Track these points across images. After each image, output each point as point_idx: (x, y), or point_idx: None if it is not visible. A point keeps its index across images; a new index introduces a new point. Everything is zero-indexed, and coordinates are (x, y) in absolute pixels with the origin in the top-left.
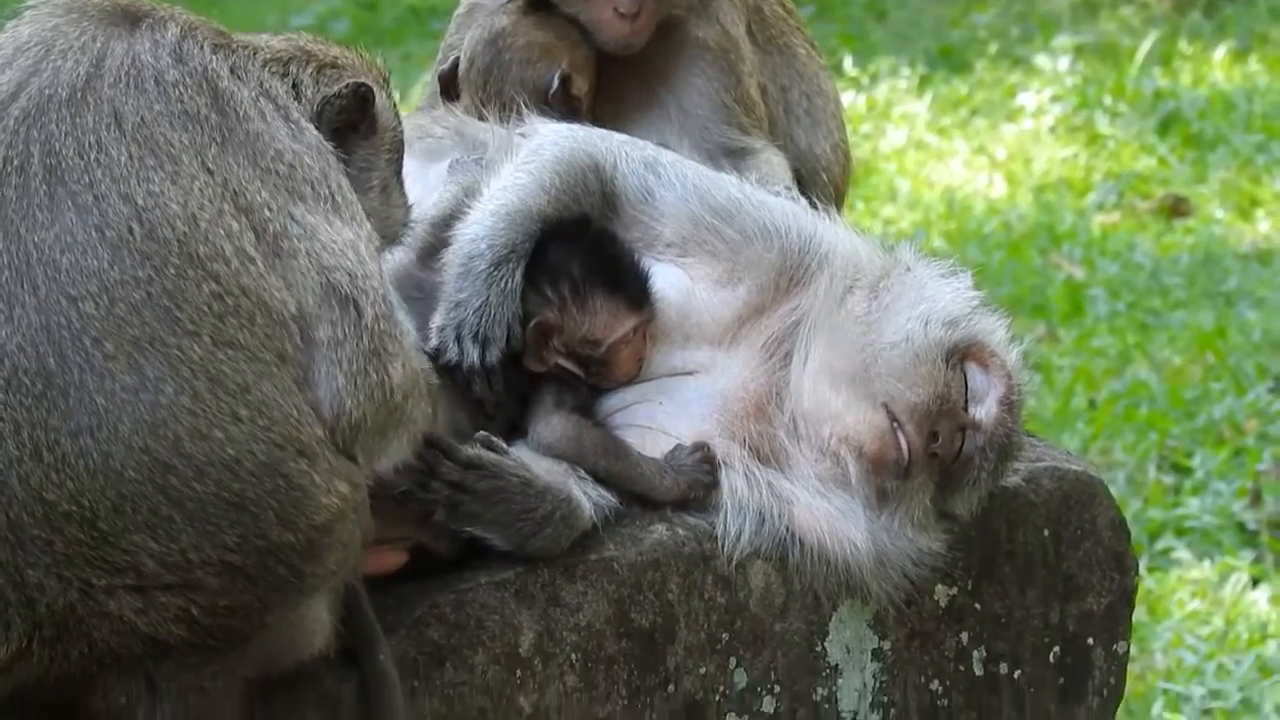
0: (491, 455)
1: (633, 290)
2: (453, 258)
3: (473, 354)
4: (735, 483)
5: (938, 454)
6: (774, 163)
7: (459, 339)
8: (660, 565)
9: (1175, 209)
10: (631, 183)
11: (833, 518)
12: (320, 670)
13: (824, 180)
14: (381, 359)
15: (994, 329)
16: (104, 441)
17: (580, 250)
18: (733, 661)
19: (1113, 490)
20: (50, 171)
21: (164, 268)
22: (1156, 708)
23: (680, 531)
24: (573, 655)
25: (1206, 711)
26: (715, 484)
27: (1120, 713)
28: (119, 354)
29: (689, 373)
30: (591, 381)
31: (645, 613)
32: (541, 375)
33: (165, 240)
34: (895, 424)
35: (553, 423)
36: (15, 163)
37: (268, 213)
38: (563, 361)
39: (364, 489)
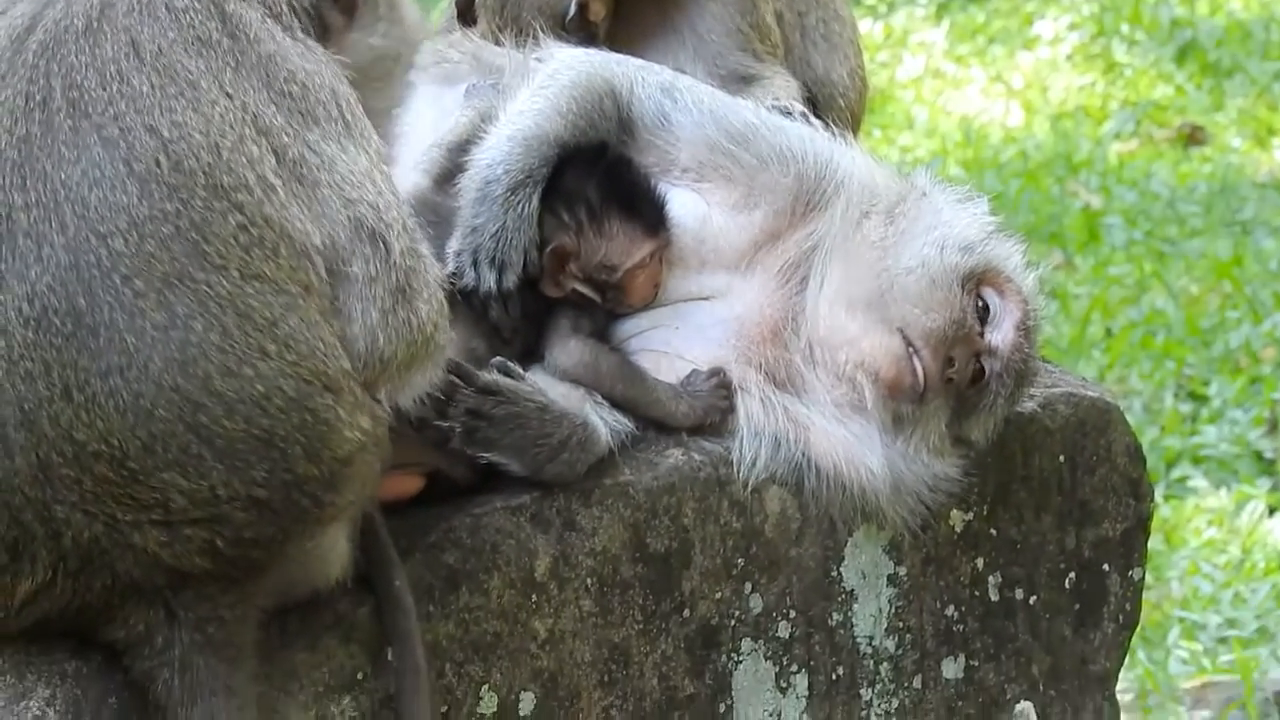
0: (508, 381)
1: (649, 215)
2: (469, 183)
3: (489, 279)
4: (751, 408)
5: (953, 379)
6: (786, 90)
7: (476, 264)
8: (676, 490)
9: (1192, 137)
10: (648, 108)
11: (849, 443)
12: (335, 594)
13: (840, 106)
14: (409, 295)
15: (1010, 254)
16: (134, 381)
17: (597, 175)
18: (748, 586)
19: (1129, 418)
20: (73, 105)
21: (191, 200)
22: (1172, 636)
23: (696, 456)
24: (588, 580)
25: (1222, 640)
26: (731, 409)
27: (1136, 640)
28: (149, 291)
29: (705, 298)
30: (607, 307)
31: (661, 538)
32: (558, 300)
33: (191, 171)
34: (911, 349)
35: (569, 348)
36: (38, 97)
37: (285, 138)
38: (579, 287)
39: (384, 421)
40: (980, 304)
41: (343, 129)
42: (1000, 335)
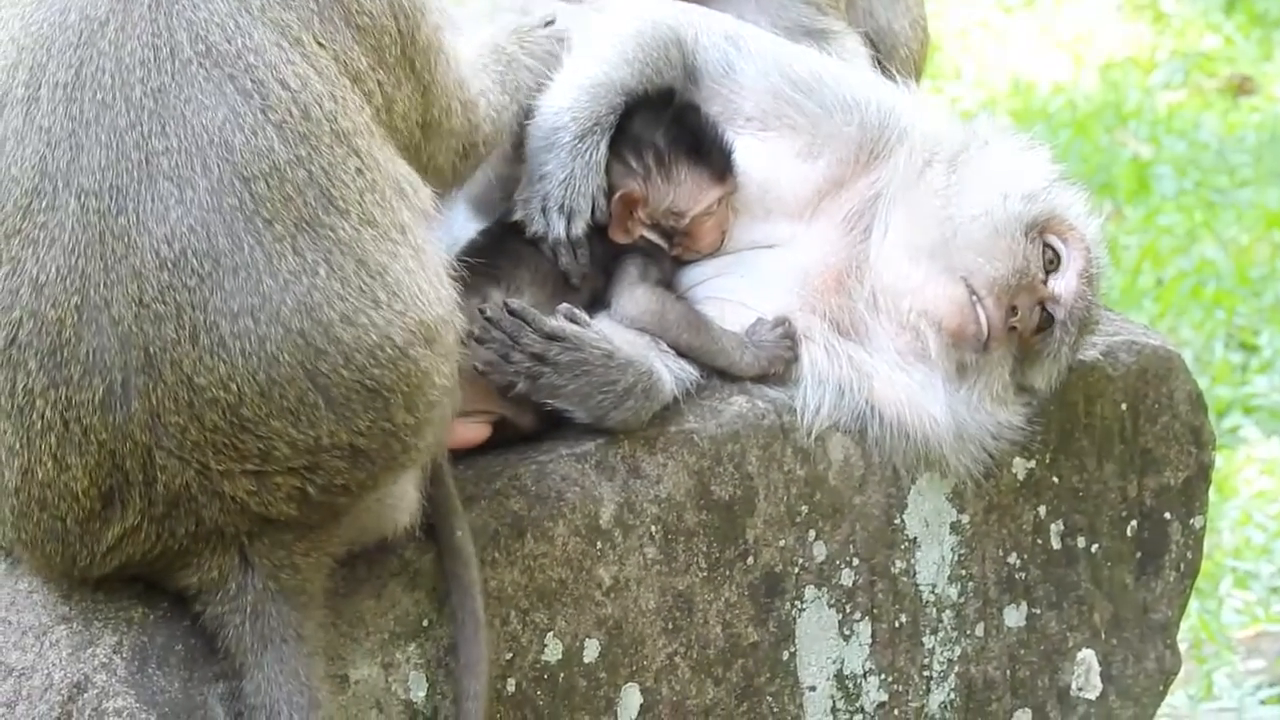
0: (574, 327)
1: (717, 161)
2: (535, 131)
3: (559, 226)
4: (815, 356)
5: (1016, 327)
6: (850, 47)
7: (544, 211)
8: (740, 437)
9: (1241, 87)
10: (712, 56)
11: (912, 391)
12: (402, 541)
13: (903, 56)
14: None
15: (1073, 202)
16: (264, 323)
17: (665, 121)
18: (812, 534)
19: None
20: (203, 56)
21: (319, 146)
22: (1225, 585)
23: (760, 404)
24: (652, 527)
25: (1275, 589)
26: (796, 359)
27: None
28: (286, 235)
29: (769, 246)
30: (674, 253)
31: (725, 485)
32: (625, 247)
33: (318, 119)
34: (975, 297)
35: (636, 295)
36: (165, 50)
37: (370, 83)
38: (647, 233)
39: (456, 370)
40: (1045, 252)
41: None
42: (1064, 283)
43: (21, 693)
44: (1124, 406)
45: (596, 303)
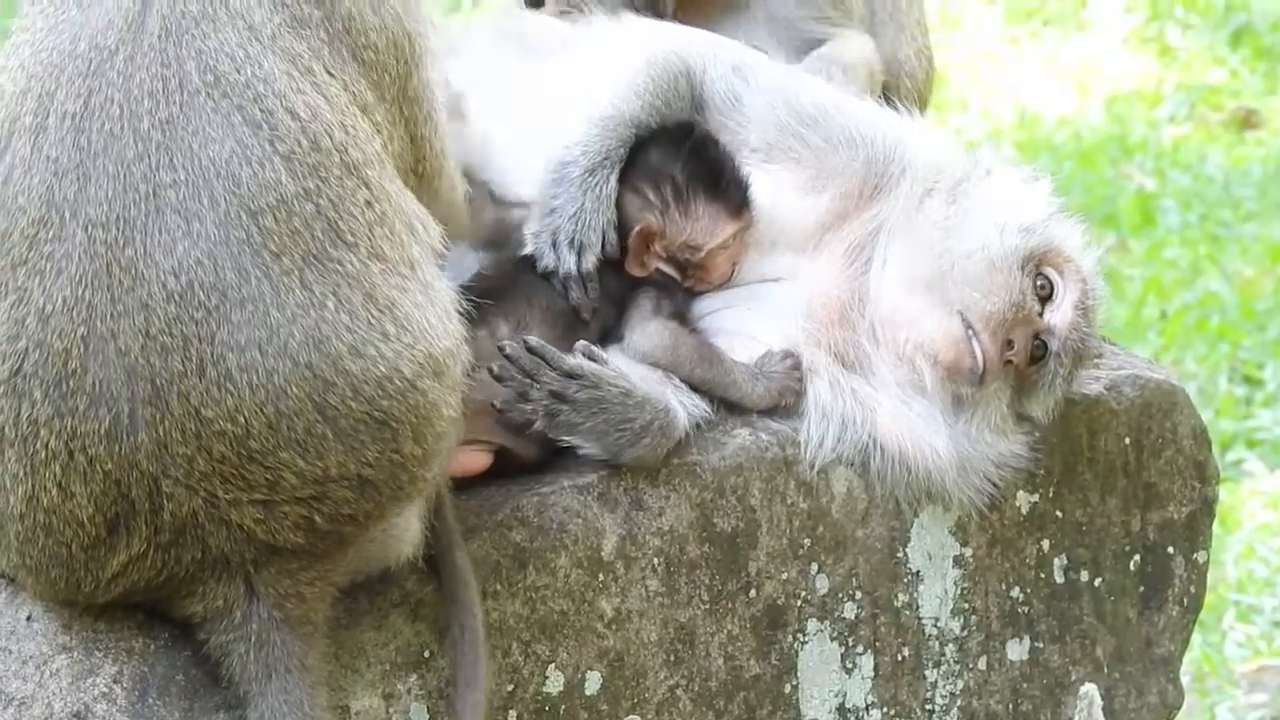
0: (592, 365)
1: (735, 196)
2: (546, 164)
3: (569, 261)
4: (820, 389)
5: (1012, 361)
6: (859, 47)
7: (555, 245)
8: (743, 470)
9: (1247, 121)
10: (720, 88)
11: (914, 423)
12: (403, 572)
13: (908, 86)
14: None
15: (1070, 234)
16: (271, 356)
17: (684, 154)
18: (814, 567)
19: None
20: (212, 88)
21: (328, 178)
22: (1228, 619)
23: (763, 436)
24: (655, 560)
25: (1278, 623)
26: (803, 391)
27: None
28: (294, 268)
29: (775, 280)
30: (686, 284)
31: (728, 517)
32: (637, 281)
33: (328, 150)
34: (970, 332)
35: (650, 330)
36: (174, 81)
37: (378, 115)
38: (662, 266)
39: (461, 399)
40: (1040, 284)
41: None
42: (1059, 315)
43: None
44: (1128, 440)
45: (607, 337)
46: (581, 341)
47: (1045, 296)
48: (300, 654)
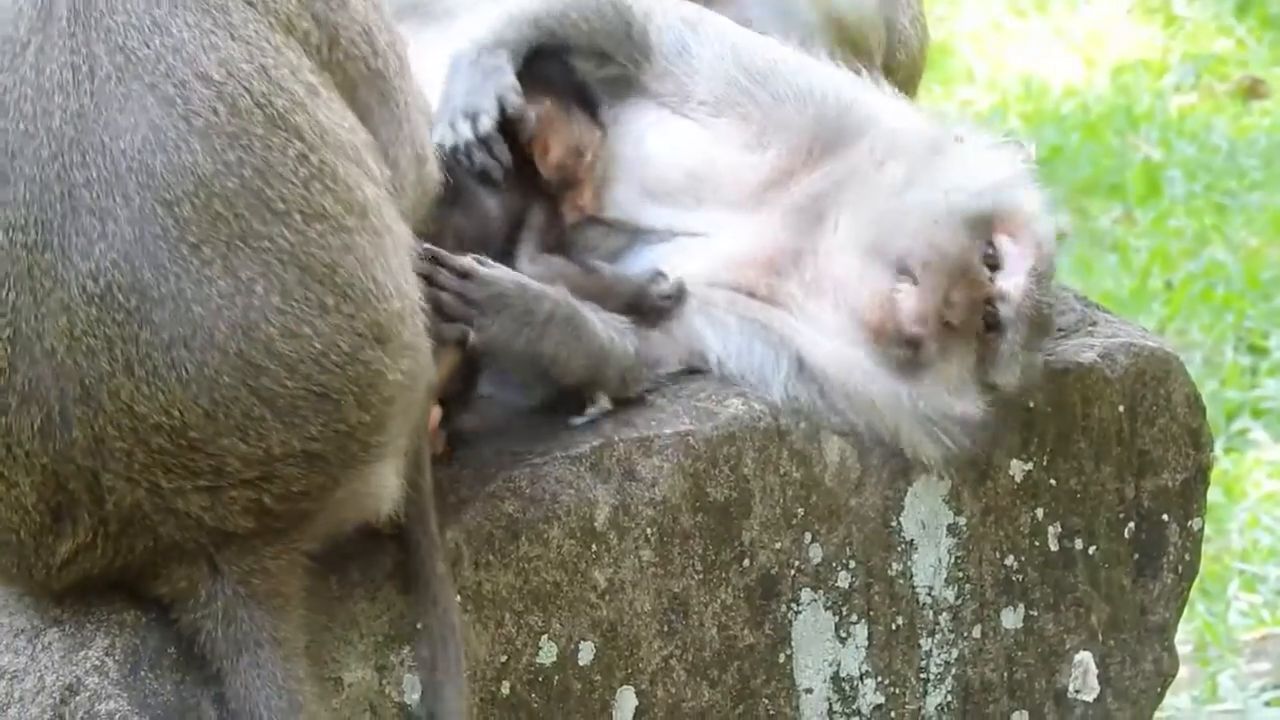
0: (482, 268)
1: (594, 104)
2: (447, 69)
3: (465, 129)
4: (726, 316)
5: (951, 324)
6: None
7: (452, 124)
8: (736, 440)
9: (1253, 90)
10: (668, 37)
11: (844, 357)
12: (396, 544)
13: (903, 56)
14: (422, 156)
15: (1027, 200)
16: (198, 351)
17: (557, 62)
18: (808, 536)
19: (1189, 371)
20: (122, 70)
21: (251, 144)
22: (1232, 588)
23: (756, 406)
24: (648, 530)
25: None
26: (676, 304)
27: (1195, 593)
28: (215, 258)
29: (695, 234)
30: (563, 209)
31: (721, 487)
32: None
33: (248, 110)
34: (901, 291)
35: (537, 262)
36: (84, 68)
37: (305, 24)
38: (554, 174)
39: (427, 356)
40: (990, 249)
41: None
42: (1011, 281)
43: (14, 695)
44: (1121, 409)
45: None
46: (468, 255)
47: (994, 264)
48: (271, 627)
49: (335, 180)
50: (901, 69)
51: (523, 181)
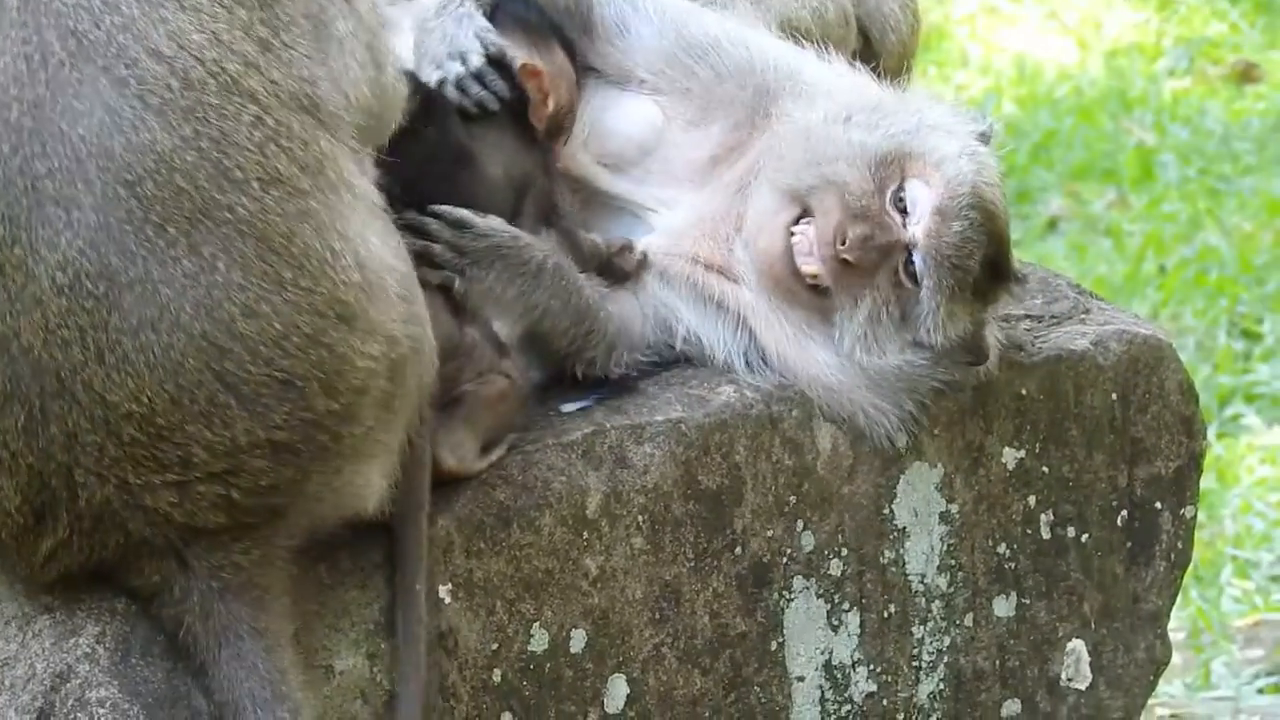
0: (479, 218)
1: (572, 46)
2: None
3: (455, 66)
4: (683, 291)
5: (847, 260)
6: None
7: (439, 65)
8: (728, 427)
9: (1246, 75)
10: (609, 13)
11: (789, 332)
12: (387, 532)
13: (893, 40)
14: (378, 58)
15: (944, 144)
16: (165, 333)
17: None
18: (800, 524)
19: (1182, 356)
20: (74, 55)
21: (206, 114)
22: (1225, 574)
23: (748, 393)
24: (639, 517)
25: (1275, 578)
26: (636, 267)
27: (1189, 579)
28: (179, 236)
29: (648, 209)
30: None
31: (712, 475)
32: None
33: (201, 82)
34: (794, 227)
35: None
36: (37, 56)
37: None
38: (548, 121)
39: (413, 347)
40: (899, 192)
41: None
42: (921, 225)
43: (4, 682)
44: (1114, 396)
45: None
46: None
47: (904, 208)
48: (250, 619)
49: (289, 136)
50: (892, 53)
51: (523, 151)
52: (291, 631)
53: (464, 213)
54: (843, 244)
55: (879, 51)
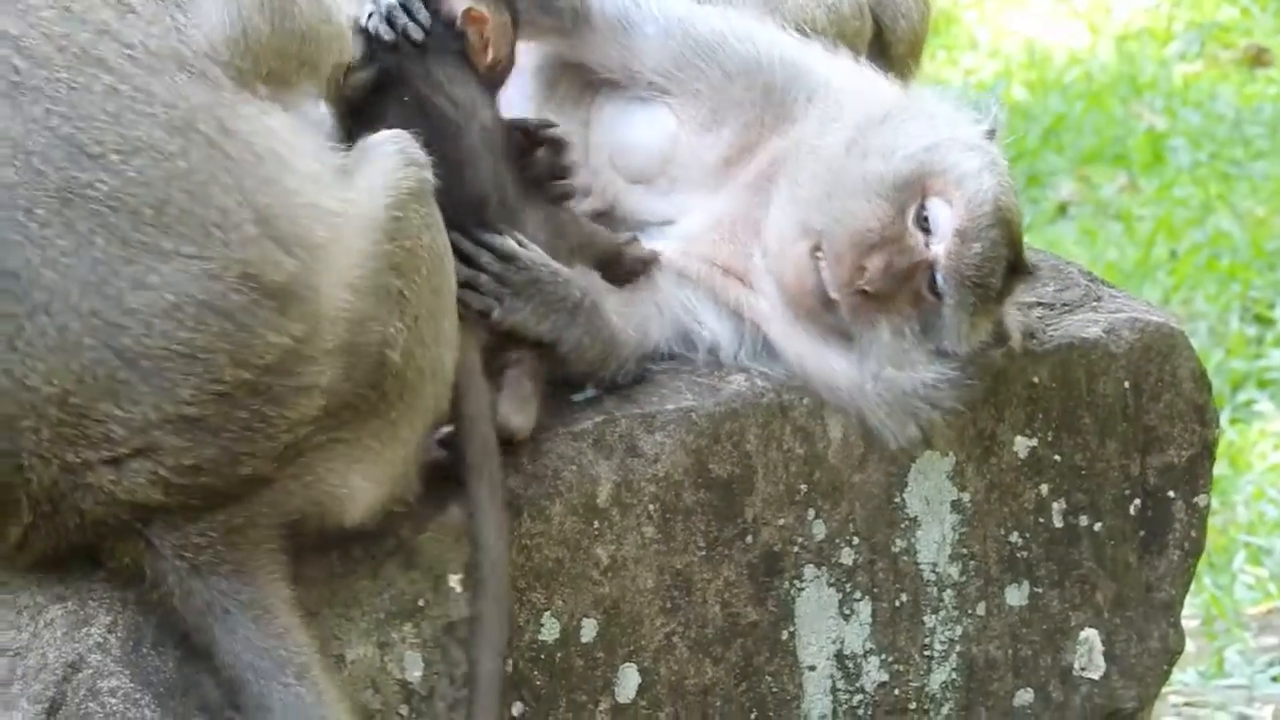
0: (523, 250)
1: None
2: None
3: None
4: (702, 295)
5: (866, 290)
6: None
7: (372, 3)
8: (739, 416)
9: (1258, 59)
10: (608, 6)
11: (806, 340)
12: (397, 521)
13: (904, 27)
14: None
15: (961, 159)
16: (59, 315)
17: None
18: (811, 513)
19: (1194, 341)
20: None
21: (56, 90)
22: (1238, 560)
23: (759, 382)
24: (650, 506)
25: None
26: (646, 266)
27: (1202, 565)
28: (51, 216)
29: (670, 215)
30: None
31: (723, 464)
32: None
33: (48, 58)
34: (818, 255)
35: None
36: None
37: None
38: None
39: (339, 327)
40: (922, 213)
41: None
42: (943, 245)
43: (16, 672)
44: (1127, 384)
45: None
46: (506, 233)
47: (925, 226)
48: (232, 592)
49: (151, 102)
50: (903, 40)
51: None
52: (286, 595)
53: (511, 245)
54: (861, 275)
55: (890, 39)
